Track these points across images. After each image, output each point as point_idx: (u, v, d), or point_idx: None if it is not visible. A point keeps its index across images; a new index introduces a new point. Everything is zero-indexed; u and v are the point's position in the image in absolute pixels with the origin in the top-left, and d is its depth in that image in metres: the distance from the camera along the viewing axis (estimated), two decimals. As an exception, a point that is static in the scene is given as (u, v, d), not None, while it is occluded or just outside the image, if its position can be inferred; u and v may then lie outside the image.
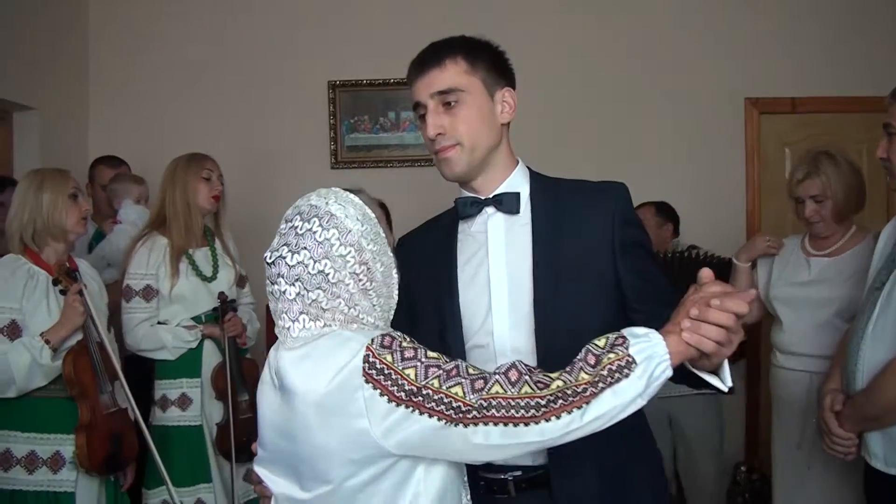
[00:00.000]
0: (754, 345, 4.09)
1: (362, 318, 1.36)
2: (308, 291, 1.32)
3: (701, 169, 4.31)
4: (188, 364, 2.91)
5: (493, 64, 1.63)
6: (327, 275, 1.32)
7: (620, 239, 1.59)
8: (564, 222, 1.61)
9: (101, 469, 2.46)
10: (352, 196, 1.40)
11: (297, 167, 4.38)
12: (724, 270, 3.18)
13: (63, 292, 2.44)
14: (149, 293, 2.89)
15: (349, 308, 1.34)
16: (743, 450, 4.31)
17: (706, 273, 1.27)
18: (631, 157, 4.26)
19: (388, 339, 1.28)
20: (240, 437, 2.86)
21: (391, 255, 1.42)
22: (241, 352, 3.06)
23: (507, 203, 1.64)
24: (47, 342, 2.37)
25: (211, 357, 2.95)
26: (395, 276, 1.43)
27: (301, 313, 1.33)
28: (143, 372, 2.97)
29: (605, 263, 1.59)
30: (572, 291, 1.56)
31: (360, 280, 1.34)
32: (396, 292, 1.44)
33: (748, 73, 4.32)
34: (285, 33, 4.45)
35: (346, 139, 4.46)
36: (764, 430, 4.19)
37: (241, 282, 3.16)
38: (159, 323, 2.92)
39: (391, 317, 1.45)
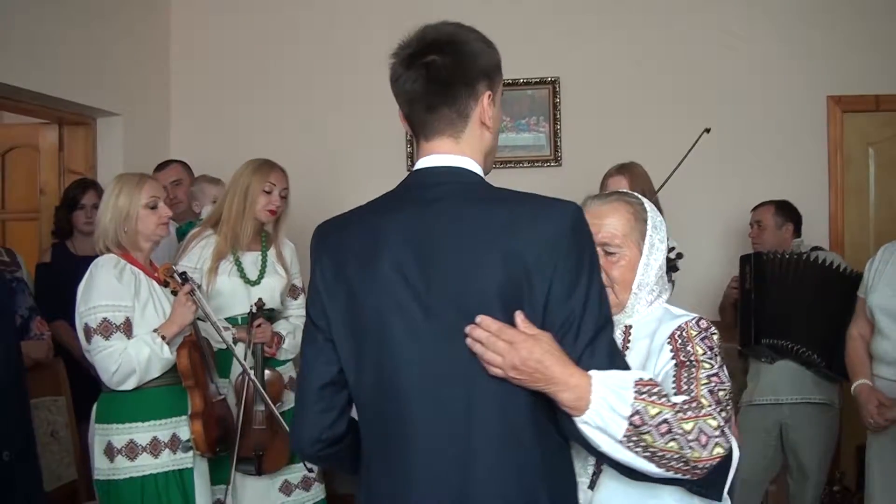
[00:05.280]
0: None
1: None
2: None
3: (782, 169, 4.20)
4: (219, 364, 2.86)
5: None
6: None
7: None
8: None
9: (214, 451, 2.63)
10: None
11: (374, 168, 4.36)
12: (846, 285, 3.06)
13: (174, 293, 2.58)
14: None
15: None
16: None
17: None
18: (711, 157, 4.16)
19: None
20: (249, 448, 2.80)
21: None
22: (272, 362, 2.97)
23: None
24: (162, 337, 2.51)
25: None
26: None
27: None
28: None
29: None
30: None
31: None
32: None
33: (830, 70, 4.22)
34: (360, 34, 4.48)
35: (424, 140, 4.45)
36: (845, 440, 4.05)
37: (293, 292, 3.11)
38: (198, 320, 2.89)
39: None
